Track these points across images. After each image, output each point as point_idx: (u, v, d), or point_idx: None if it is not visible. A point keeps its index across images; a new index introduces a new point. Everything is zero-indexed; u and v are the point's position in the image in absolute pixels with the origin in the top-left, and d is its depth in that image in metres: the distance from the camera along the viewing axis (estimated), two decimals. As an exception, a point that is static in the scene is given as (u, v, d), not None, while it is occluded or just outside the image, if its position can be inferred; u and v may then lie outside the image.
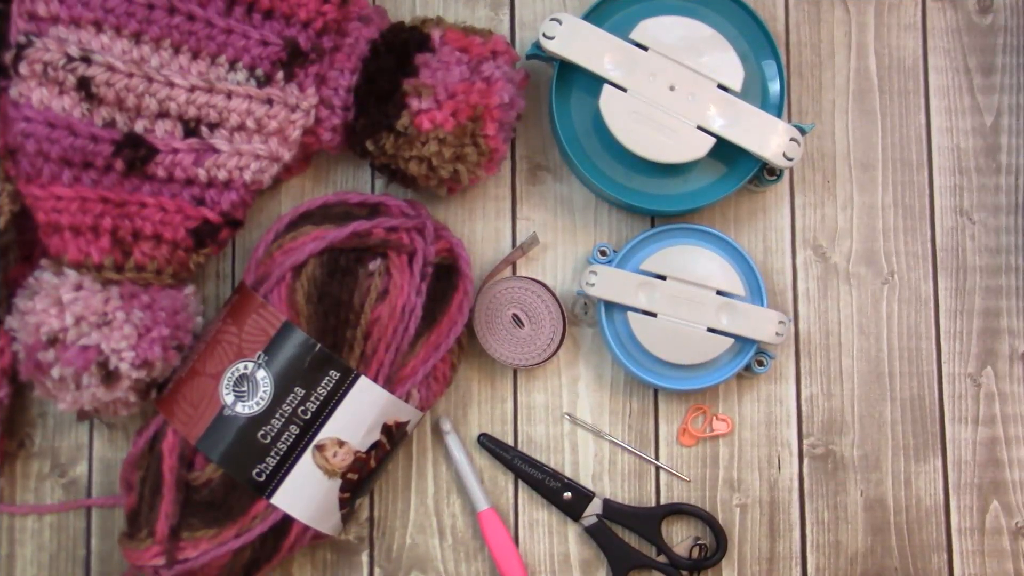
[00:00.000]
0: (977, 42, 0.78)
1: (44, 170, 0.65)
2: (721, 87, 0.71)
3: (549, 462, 0.74)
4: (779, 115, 0.72)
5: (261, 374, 0.65)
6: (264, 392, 0.65)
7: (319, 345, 0.65)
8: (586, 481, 0.74)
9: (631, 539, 0.74)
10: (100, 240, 0.66)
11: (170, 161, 0.67)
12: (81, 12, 0.65)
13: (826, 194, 0.77)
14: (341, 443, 0.66)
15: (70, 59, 0.64)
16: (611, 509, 0.73)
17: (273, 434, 0.65)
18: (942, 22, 0.78)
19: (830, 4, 0.78)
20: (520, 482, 0.74)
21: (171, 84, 0.66)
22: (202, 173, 0.68)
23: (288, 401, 0.65)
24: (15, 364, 0.68)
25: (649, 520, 0.73)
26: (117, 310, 0.65)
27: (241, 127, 0.68)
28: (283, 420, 0.65)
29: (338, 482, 0.66)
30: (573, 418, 0.75)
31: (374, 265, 0.66)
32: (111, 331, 0.64)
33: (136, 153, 0.66)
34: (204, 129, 0.68)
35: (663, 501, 0.74)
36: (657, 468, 0.74)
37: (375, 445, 0.67)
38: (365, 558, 0.74)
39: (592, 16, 0.72)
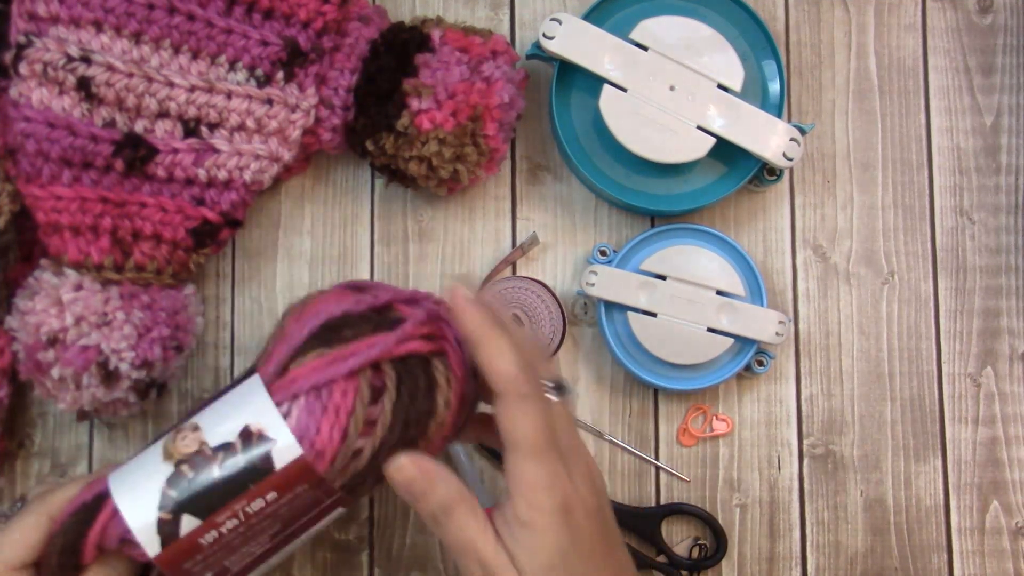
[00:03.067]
0: (977, 42, 0.78)
1: (44, 170, 0.65)
2: (721, 87, 0.71)
3: (549, 462, 0.74)
4: (779, 115, 0.72)
5: None
6: None
7: None
8: (586, 481, 0.74)
9: (631, 539, 0.74)
10: (100, 240, 0.66)
11: (170, 161, 0.67)
12: (81, 12, 0.65)
13: (826, 194, 0.77)
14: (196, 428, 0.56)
15: (70, 59, 0.64)
16: (611, 509, 0.73)
17: None
18: (942, 22, 0.78)
19: (830, 4, 0.78)
20: (520, 482, 0.74)
21: (171, 84, 0.66)
22: (202, 173, 0.68)
23: None
24: (15, 364, 0.68)
25: (649, 520, 0.73)
26: (117, 310, 0.65)
27: (241, 127, 0.68)
28: None
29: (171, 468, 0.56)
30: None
31: None
32: (111, 331, 0.64)
33: (136, 153, 0.66)
34: (204, 129, 0.68)
35: (663, 501, 0.74)
36: (657, 468, 0.74)
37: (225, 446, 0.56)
38: (365, 558, 0.74)
39: (592, 16, 0.72)
